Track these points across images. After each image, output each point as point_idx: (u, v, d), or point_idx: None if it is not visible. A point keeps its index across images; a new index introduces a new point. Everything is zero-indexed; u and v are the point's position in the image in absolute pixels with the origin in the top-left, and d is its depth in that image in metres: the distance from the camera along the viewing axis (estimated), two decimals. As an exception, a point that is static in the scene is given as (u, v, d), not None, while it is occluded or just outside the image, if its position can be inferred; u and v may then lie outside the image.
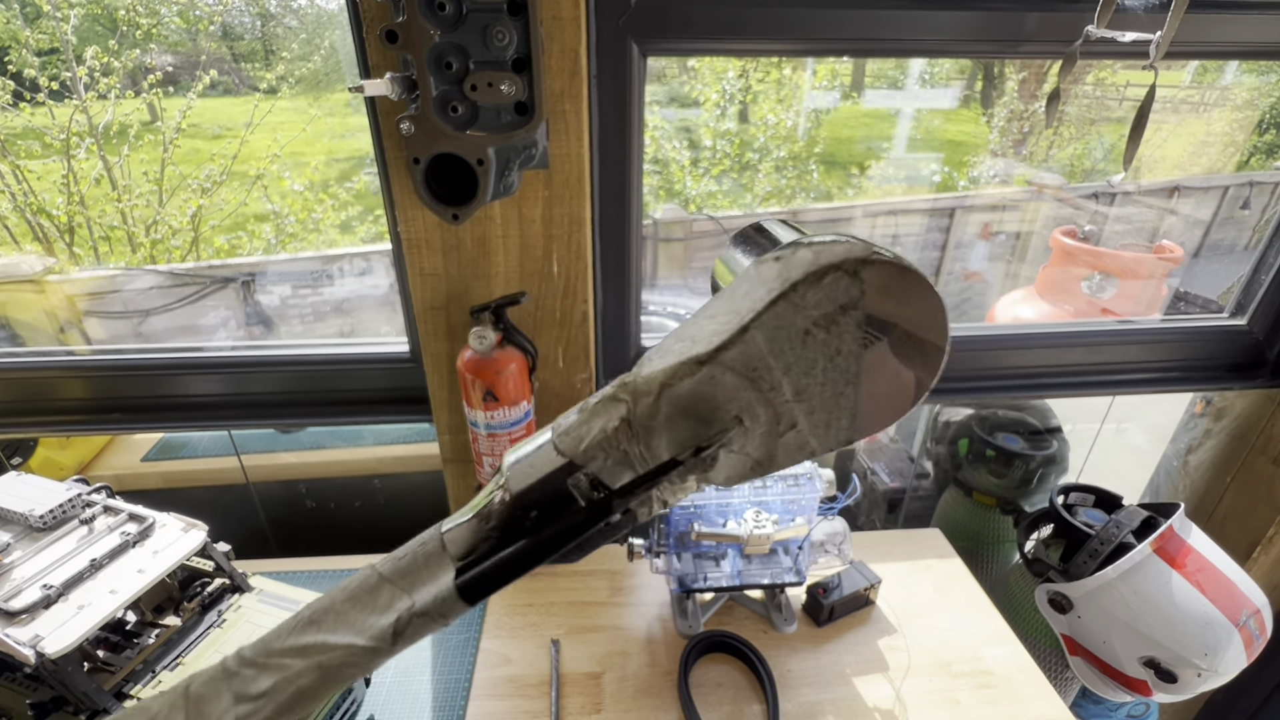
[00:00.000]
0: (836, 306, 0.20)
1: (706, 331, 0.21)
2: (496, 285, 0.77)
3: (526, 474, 0.23)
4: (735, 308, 0.21)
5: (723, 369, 0.21)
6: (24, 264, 1.73)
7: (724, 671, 0.76)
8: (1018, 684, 0.76)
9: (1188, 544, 0.93)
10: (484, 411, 0.75)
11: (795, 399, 0.21)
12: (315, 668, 0.24)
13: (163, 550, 0.65)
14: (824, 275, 0.19)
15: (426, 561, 0.24)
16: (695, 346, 0.21)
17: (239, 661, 0.25)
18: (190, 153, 2.37)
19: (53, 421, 0.96)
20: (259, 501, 1.16)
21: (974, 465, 1.27)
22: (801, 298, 0.19)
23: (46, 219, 2.05)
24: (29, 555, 0.61)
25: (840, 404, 0.22)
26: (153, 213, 2.22)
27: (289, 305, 1.86)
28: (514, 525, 0.24)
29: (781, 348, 0.20)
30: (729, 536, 0.74)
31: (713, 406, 0.22)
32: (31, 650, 0.53)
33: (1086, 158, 3.80)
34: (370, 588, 0.25)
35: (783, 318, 0.20)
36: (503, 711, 0.71)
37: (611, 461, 0.23)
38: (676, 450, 0.23)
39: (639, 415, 0.22)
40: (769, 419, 0.22)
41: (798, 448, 0.23)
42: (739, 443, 0.23)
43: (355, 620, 0.24)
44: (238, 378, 0.96)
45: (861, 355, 0.21)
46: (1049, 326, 1.24)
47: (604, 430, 0.22)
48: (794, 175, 3.48)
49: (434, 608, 0.24)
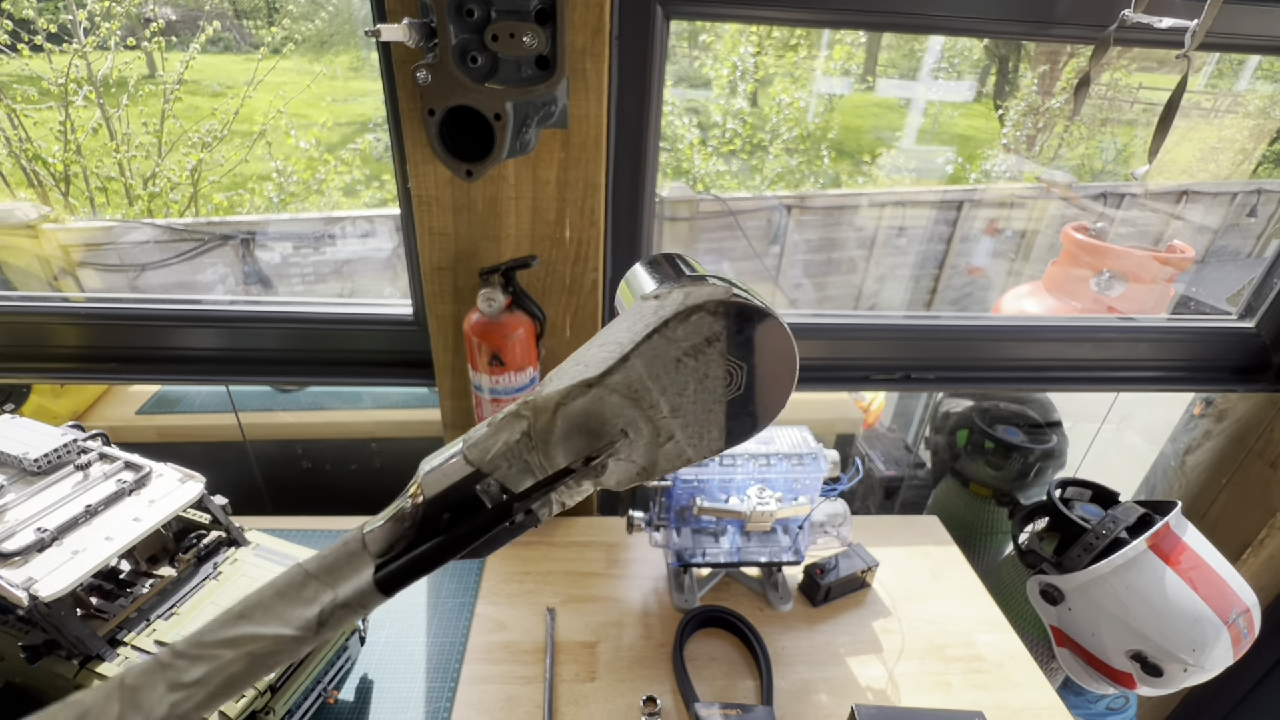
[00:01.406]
0: (702, 339, 0.24)
1: (597, 358, 0.25)
2: (506, 248, 0.75)
3: (440, 481, 0.26)
4: (619, 339, 0.25)
5: (609, 391, 0.25)
6: (19, 210, 1.70)
7: (718, 646, 0.77)
8: (1009, 670, 0.76)
9: (1183, 541, 0.93)
10: (489, 376, 0.74)
11: (672, 415, 0.25)
12: (245, 656, 0.26)
13: (159, 500, 0.64)
14: (691, 314, 0.23)
15: (349, 559, 0.27)
16: (587, 371, 0.25)
17: (172, 654, 0.27)
18: (190, 109, 2.32)
19: (47, 369, 0.95)
20: (255, 459, 1.15)
21: (972, 456, 1.27)
22: (673, 332, 0.23)
23: (42, 166, 2.01)
24: (23, 498, 0.60)
25: (711, 419, 0.26)
26: (151, 165, 2.17)
27: (289, 264, 1.84)
28: (429, 525, 0.27)
29: (658, 373, 0.24)
30: (731, 512, 0.74)
31: (601, 422, 0.25)
32: (25, 593, 0.52)
33: (1097, 158, 3.77)
34: (297, 584, 0.27)
35: (658, 348, 0.24)
36: (497, 675, 0.71)
37: (515, 470, 0.26)
38: (571, 459, 0.26)
39: (538, 429, 0.25)
40: (650, 432, 0.26)
41: (676, 455, 0.28)
42: (625, 452, 0.27)
43: (282, 612, 0.26)
44: (236, 333, 0.94)
45: (727, 379, 0.25)
46: (1057, 320, 1.24)
47: (507, 443, 0.26)
48: (804, 159, 3.45)
49: (354, 599, 0.26)
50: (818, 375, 1.01)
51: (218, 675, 0.26)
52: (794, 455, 0.76)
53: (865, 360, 1.02)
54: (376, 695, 0.69)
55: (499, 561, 0.86)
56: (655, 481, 0.76)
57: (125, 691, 0.26)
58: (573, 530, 0.92)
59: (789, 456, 0.76)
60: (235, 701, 0.54)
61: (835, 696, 0.71)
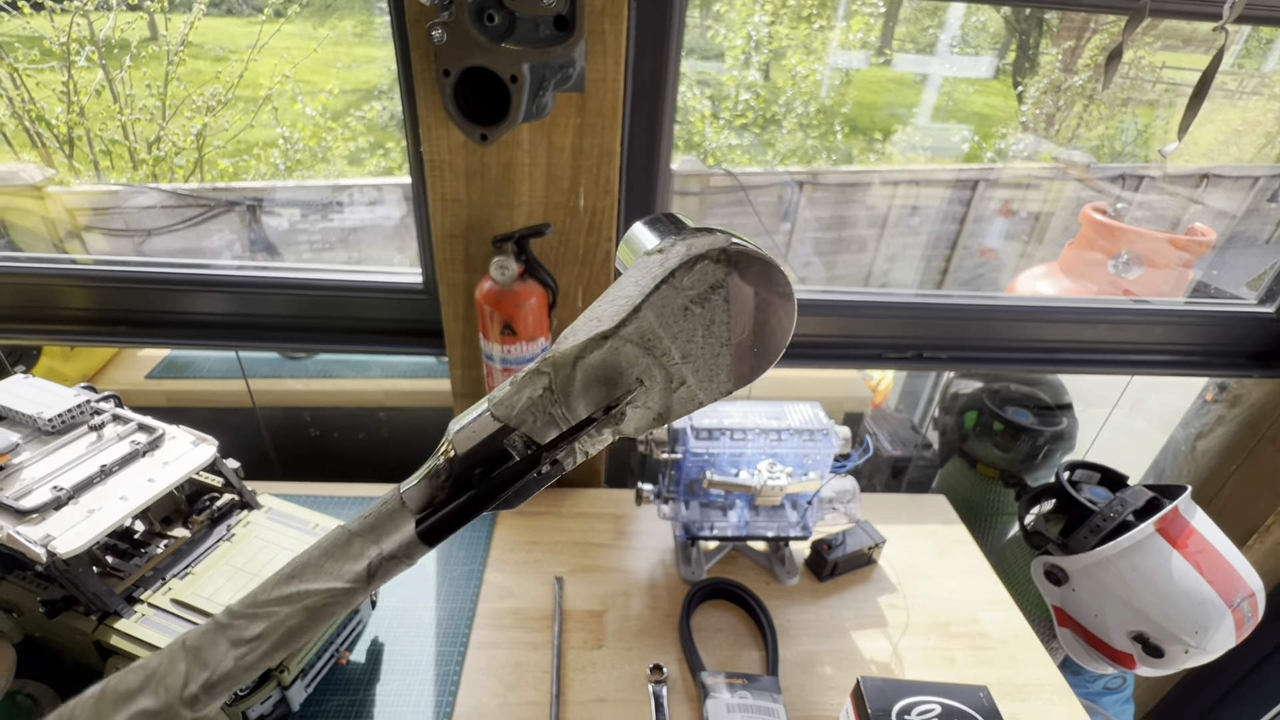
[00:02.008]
0: (707, 287, 0.25)
1: (609, 313, 0.27)
2: (519, 216, 0.74)
3: (470, 438, 0.28)
4: (628, 293, 0.26)
5: (623, 341, 0.27)
6: (24, 172, 1.68)
7: (724, 618, 0.77)
8: (1013, 648, 0.77)
9: (1191, 525, 0.93)
10: (501, 345, 0.73)
11: (683, 361, 0.27)
12: (302, 610, 0.28)
13: (173, 462, 0.64)
14: (695, 263, 0.25)
15: (390, 516, 0.29)
16: (601, 325, 0.26)
17: (229, 616, 0.29)
18: (193, 73, 2.28)
19: (56, 330, 0.95)
20: (264, 426, 1.15)
21: (980, 438, 1.27)
22: (680, 281, 0.25)
23: (45, 128, 1.99)
24: (38, 457, 0.61)
25: (719, 363, 0.28)
26: (155, 129, 2.15)
27: (297, 229, 1.83)
28: (462, 480, 0.29)
29: (668, 321, 0.26)
30: (741, 486, 0.74)
31: (618, 372, 0.27)
32: (43, 549, 0.53)
33: (1117, 138, 3.69)
34: (342, 543, 0.29)
35: (666, 298, 0.25)
36: (506, 641, 0.72)
37: (539, 423, 0.28)
38: (592, 409, 0.28)
39: (559, 383, 0.27)
40: (664, 379, 0.27)
41: (689, 399, 0.30)
42: (642, 399, 0.29)
43: (332, 569, 0.28)
44: (245, 298, 0.94)
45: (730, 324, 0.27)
46: (1072, 301, 1.22)
47: (530, 398, 0.27)
48: (818, 134, 3.38)
49: (400, 551, 0.29)
50: (829, 353, 1.00)
51: (277, 629, 0.28)
52: (805, 431, 0.76)
53: (877, 338, 1.01)
54: (387, 657, 0.70)
55: (507, 531, 0.86)
56: (667, 455, 0.76)
57: (189, 651, 0.28)
58: (580, 502, 0.92)
59: (800, 432, 0.76)
60: (250, 660, 0.54)
61: (840, 669, 0.72)
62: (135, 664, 0.29)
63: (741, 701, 0.63)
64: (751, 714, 0.62)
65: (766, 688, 0.65)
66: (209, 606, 0.57)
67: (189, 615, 0.57)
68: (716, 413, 0.77)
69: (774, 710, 0.63)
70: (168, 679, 0.28)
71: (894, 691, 0.62)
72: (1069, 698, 0.71)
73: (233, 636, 0.28)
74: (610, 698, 0.67)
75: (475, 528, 0.86)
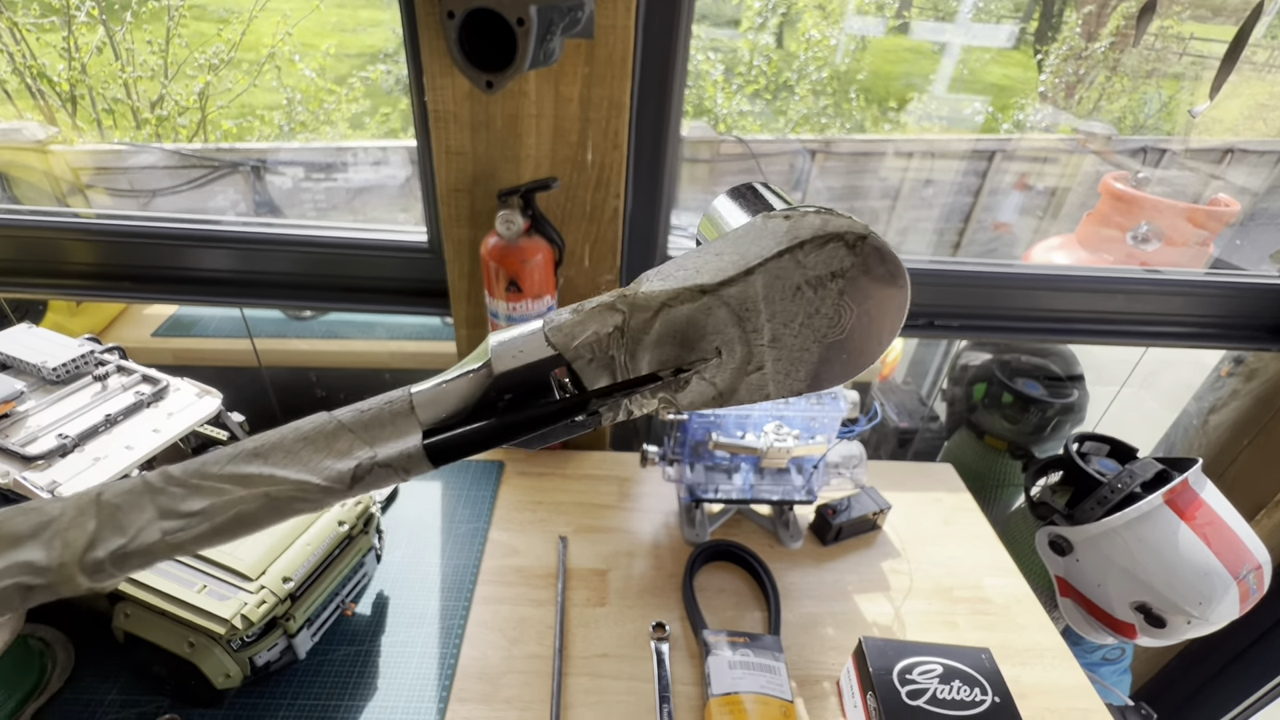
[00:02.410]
0: (829, 271, 0.23)
1: (711, 266, 0.24)
2: (526, 170, 0.72)
3: (514, 357, 0.24)
4: (742, 251, 0.23)
5: (720, 302, 0.24)
6: (27, 130, 1.67)
7: (727, 579, 0.77)
8: (1015, 614, 0.77)
9: (1200, 498, 0.92)
10: (506, 302, 0.72)
11: (770, 344, 0.24)
12: (261, 495, 0.24)
13: (177, 413, 0.64)
14: (828, 241, 0.22)
15: (393, 419, 0.25)
16: (699, 276, 0.23)
17: (164, 479, 0.24)
18: (195, 34, 2.24)
19: (60, 285, 0.94)
20: (270, 385, 1.15)
21: (989, 409, 1.26)
22: (806, 256, 0.22)
23: (47, 85, 1.96)
24: (43, 406, 0.61)
25: (804, 359, 0.25)
26: (158, 88, 2.12)
27: (301, 188, 1.81)
28: (486, 403, 0.25)
29: (774, 296, 0.23)
30: (747, 448, 0.73)
31: (701, 334, 0.24)
32: (49, 495, 0.53)
33: (1140, 110, 3.59)
34: (328, 433, 0.25)
35: (784, 270, 0.22)
36: (510, 597, 0.72)
37: (595, 365, 0.24)
38: (657, 367, 0.25)
39: (633, 328, 0.24)
40: (743, 357, 0.25)
41: (757, 388, 0.26)
42: (711, 372, 0.26)
43: (309, 460, 0.24)
44: (250, 255, 0.93)
45: (834, 319, 0.24)
46: (1088, 270, 1.20)
47: (597, 334, 0.24)
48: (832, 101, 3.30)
49: (398, 462, 0.25)
50: (839, 318, 0.99)
51: (224, 511, 0.23)
52: (813, 394, 0.75)
53: (888, 305, 0.99)
54: (392, 610, 0.70)
55: (511, 491, 0.86)
56: (673, 415, 0.75)
57: (103, 508, 0.23)
58: (585, 464, 0.92)
59: (809, 395, 0.75)
60: (257, 607, 0.55)
61: (841, 630, 0.72)
62: (29, 504, 0.24)
63: (743, 659, 0.64)
64: (753, 671, 0.63)
65: (768, 646, 0.66)
66: (215, 555, 0.58)
67: (195, 563, 0.57)
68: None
69: (775, 668, 0.64)
70: (69, 533, 0.23)
71: (896, 652, 0.62)
72: (1070, 662, 0.71)
73: (164, 505, 0.23)
74: (612, 653, 0.68)
75: (480, 486, 0.86)
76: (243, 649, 0.56)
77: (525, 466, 0.91)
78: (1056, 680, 0.69)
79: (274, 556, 0.59)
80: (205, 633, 0.54)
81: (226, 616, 0.53)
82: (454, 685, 0.63)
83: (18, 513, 0.23)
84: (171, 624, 0.55)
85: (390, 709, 0.61)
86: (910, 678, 0.59)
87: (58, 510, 0.23)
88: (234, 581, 0.56)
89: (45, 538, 0.22)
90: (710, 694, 0.61)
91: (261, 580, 0.57)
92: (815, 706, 0.65)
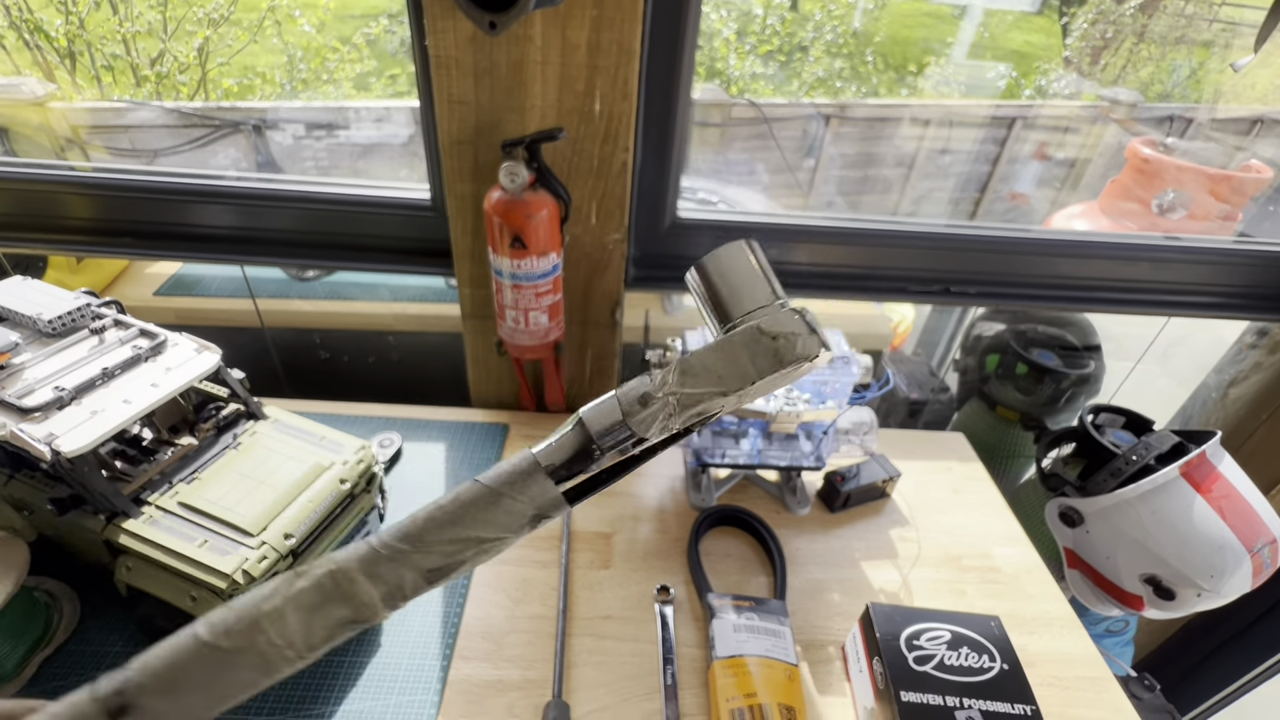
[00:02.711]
0: (797, 369, 0.30)
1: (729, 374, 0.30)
2: (531, 120, 0.70)
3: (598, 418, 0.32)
4: (744, 372, 0.30)
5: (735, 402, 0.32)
6: (25, 85, 1.64)
7: (733, 544, 0.77)
8: (1024, 583, 0.76)
9: (1217, 470, 0.91)
10: (510, 259, 0.70)
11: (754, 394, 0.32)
12: (475, 546, 0.31)
13: (176, 368, 0.63)
14: (800, 363, 0.30)
15: (529, 475, 0.31)
16: (723, 384, 0.30)
17: (393, 550, 0.31)
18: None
19: (59, 240, 0.93)
20: (273, 346, 1.14)
21: (1002, 380, 1.24)
22: (788, 369, 0.30)
23: (45, 40, 1.92)
24: (39, 359, 0.60)
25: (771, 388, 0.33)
26: (157, 44, 2.07)
27: (302, 145, 1.78)
28: (585, 451, 0.32)
29: (766, 385, 0.31)
30: (755, 413, 0.72)
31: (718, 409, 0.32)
32: (47, 447, 0.52)
33: (1168, 77, 3.46)
34: (488, 497, 0.31)
35: (773, 381, 0.30)
36: (513, 558, 0.72)
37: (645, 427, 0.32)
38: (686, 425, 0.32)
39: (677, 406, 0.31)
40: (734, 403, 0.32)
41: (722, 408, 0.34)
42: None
43: (492, 519, 0.31)
44: (252, 211, 0.91)
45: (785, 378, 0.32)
46: (1111, 236, 1.16)
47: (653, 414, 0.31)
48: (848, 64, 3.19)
49: (549, 507, 0.31)
50: (852, 284, 0.96)
51: (454, 564, 0.31)
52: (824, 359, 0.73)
53: (903, 270, 0.97)
54: (396, 569, 0.70)
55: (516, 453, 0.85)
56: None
57: (372, 577, 0.30)
58: (591, 428, 0.91)
59: (819, 359, 0.73)
60: (259, 562, 0.54)
61: (848, 597, 0.71)
62: (292, 573, 0.30)
63: (748, 623, 0.63)
64: (758, 635, 0.62)
65: (774, 611, 0.65)
66: (215, 510, 0.57)
67: (195, 518, 0.57)
68: (733, 337, 0.75)
69: (780, 632, 0.63)
70: (359, 596, 0.30)
71: (903, 617, 0.61)
72: (1079, 631, 0.70)
73: (416, 563, 0.31)
74: (616, 615, 0.67)
75: (484, 448, 0.86)
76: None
77: (530, 429, 0.90)
78: (1065, 649, 0.68)
79: (276, 513, 0.58)
80: (207, 587, 0.53)
81: (228, 571, 0.53)
82: (457, 644, 0.63)
83: (320, 596, 0.29)
84: (173, 578, 0.55)
85: (393, 666, 0.61)
86: (918, 643, 0.59)
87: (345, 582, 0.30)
88: (235, 537, 0.56)
89: (343, 599, 0.29)
90: (714, 656, 0.61)
91: (263, 536, 0.56)
92: (820, 671, 0.64)
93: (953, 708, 0.54)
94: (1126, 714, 0.63)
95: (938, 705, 0.54)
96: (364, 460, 0.65)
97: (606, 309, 0.86)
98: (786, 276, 0.95)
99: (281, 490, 0.60)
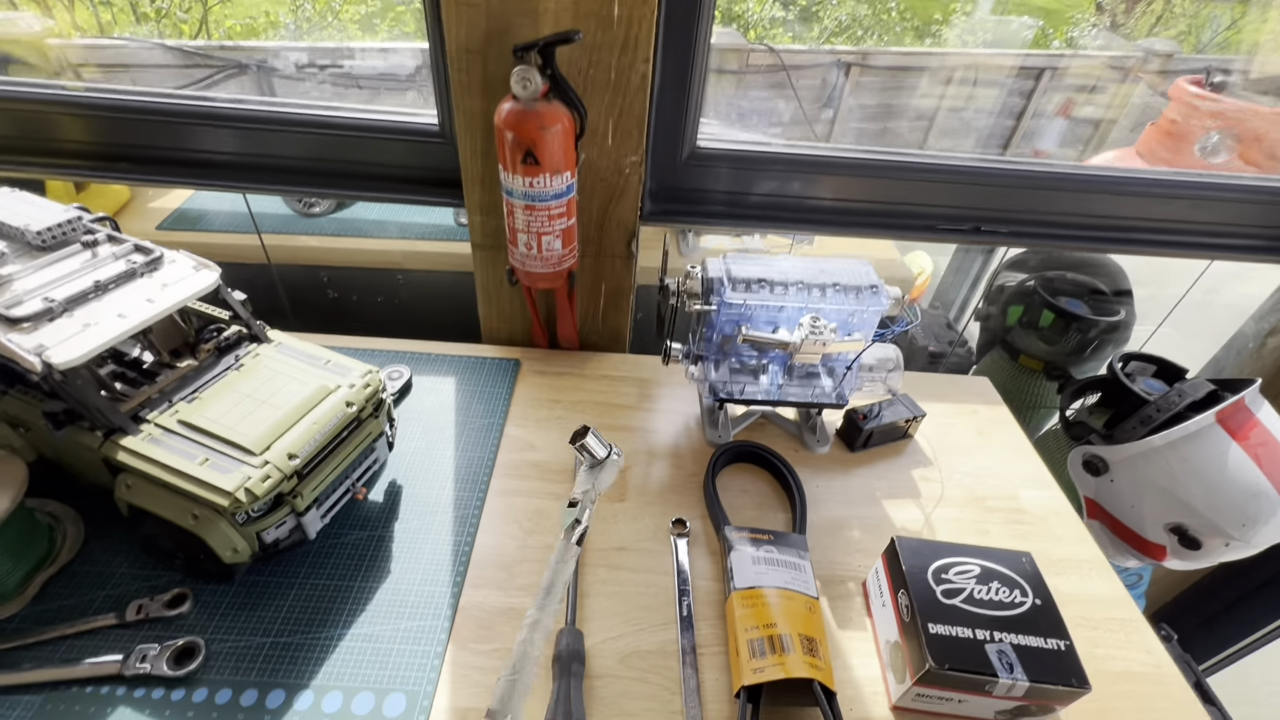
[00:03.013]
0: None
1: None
2: (545, 25, 0.65)
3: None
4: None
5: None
6: (22, 21, 1.58)
7: (750, 481, 0.75)
8: (1051, 525, 0.73)
9: (1256, 418, 0.87)
10: (523, 177, 0.66)
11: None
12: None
13: (173, 285, 0.60)
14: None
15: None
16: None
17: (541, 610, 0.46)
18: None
19: (55, 164, 0.89)
20: (280, 282, 1.11)
21: (1026, 329, 1.20)
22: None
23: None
24: (28, 271, 0.57)
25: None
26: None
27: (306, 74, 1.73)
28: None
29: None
30: (778, 343, 0.68)
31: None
32: (37, 358, 0.50)
33: (1206, 28, 3.31)
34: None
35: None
36: (525, 489, 0.70)
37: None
38: None
39: None
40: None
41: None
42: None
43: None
44: (255, 136, 0.87)
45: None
46: (1149, 172, 1.10)
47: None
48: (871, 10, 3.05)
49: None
50: (876, 220, 0.91)
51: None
52: (852, 288, 0.69)
53: (931, 207, 0.92)
54: (405, 498, 0.68)
55: (528, 389, 0.83)
56: (700, 306, 0.70)
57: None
58: (604, 365, 0.88)
59: (846, 289, 0.69)
60: (261, 481, 0.52)
61: (869, 534, 0.69)
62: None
63: (767, 555, 0.61)
64: (777, 567, 0.60)
65: (793, 544, 0.63)
66: (216, 429, 0.55)
67: (196, 436, 0.55)
68: (758, 262, 0.71)
69: (801, 565, 0.61)
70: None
71: (930, 551, 0.59)
72: (1108, 573, 0.68)
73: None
74: (631, 547, 0.65)
75: (496, 383, 0.83)
76: (249, 524, 0.54)
77: (542, 366, 0.87)
78: (1094, 590, 0.66)
79: (279, 433, 0.56)
80: (209, 505, 0.52)
81: (229, 489, 0.51)
82: (468, 572, 0.62)
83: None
84: (174, 496, 0.53)
85: (404, 591, 0.60)
86: (946, 577, 0.57)
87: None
88: (237, 456, 0.54)
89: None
90: (733, 588, 0.59)
91: (266, 455, 0.54)
92: (840, 607, 0.62)
93: (983, 640, 0.52)
94: (1158, 655, 0.61)
95: (967, 638, 0.52)
96: (371, 384, 0.63)
97: (623, 240, 0.82)
98: (809, 213, 0.91)
99: (285, 411, 0.57)
